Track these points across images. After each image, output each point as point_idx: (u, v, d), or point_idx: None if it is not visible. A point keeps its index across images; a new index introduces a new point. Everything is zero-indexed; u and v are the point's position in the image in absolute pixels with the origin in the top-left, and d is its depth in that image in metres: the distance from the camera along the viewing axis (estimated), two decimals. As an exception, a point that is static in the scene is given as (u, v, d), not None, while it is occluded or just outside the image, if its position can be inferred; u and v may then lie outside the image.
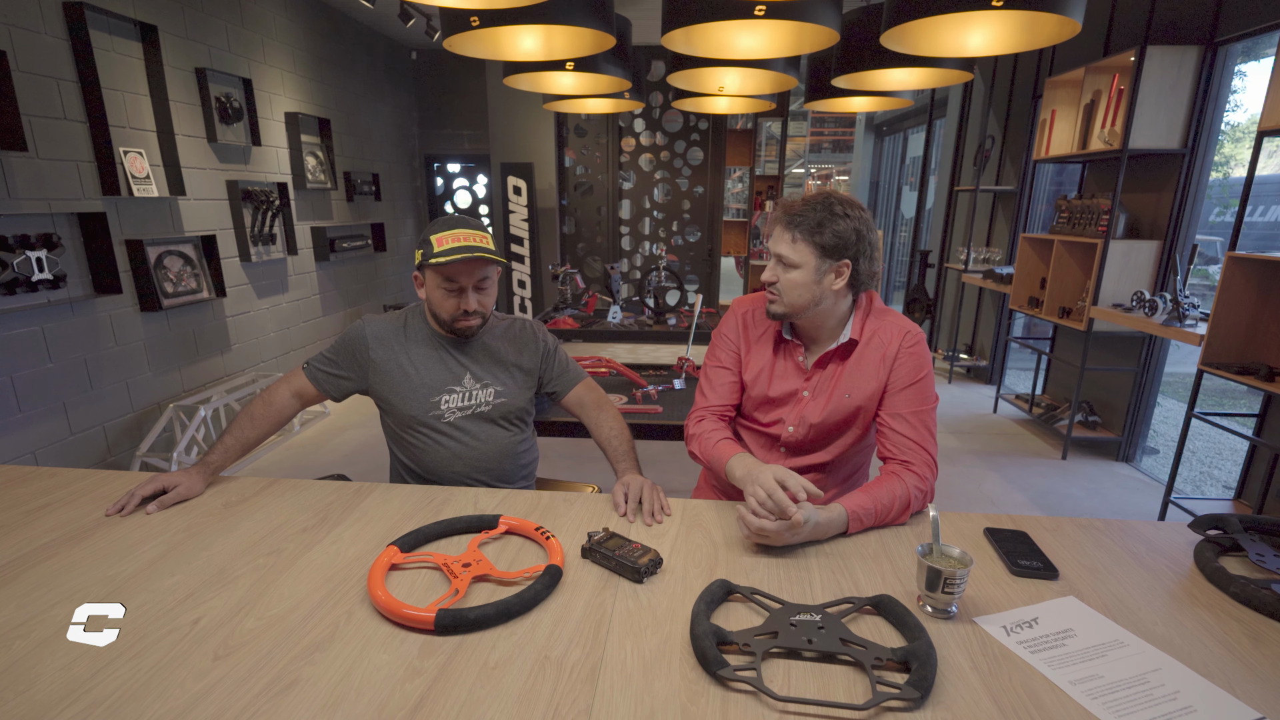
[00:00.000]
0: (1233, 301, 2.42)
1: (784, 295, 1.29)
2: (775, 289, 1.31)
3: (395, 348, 1.46)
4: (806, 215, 1.25)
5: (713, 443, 1.34)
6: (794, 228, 1.26)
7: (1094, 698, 0.79)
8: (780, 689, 0.79)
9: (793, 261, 1.27)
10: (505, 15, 1.85)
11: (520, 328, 1.58)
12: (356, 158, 4.94)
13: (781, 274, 1.29)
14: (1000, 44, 1.78)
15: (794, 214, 1.27)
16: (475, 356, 1.50)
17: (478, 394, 1.48)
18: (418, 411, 1.45)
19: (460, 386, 1.47)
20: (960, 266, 4.68)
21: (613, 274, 3.70)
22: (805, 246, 1.26)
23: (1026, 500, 3.02)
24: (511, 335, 1.56)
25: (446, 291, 1.40)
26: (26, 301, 2.52)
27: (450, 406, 1.46)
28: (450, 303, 1.41)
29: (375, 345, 1.45)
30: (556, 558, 1.04)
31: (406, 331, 1.49)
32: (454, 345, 1.49)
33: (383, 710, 0.76)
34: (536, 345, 1.57)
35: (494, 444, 1.49)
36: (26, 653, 0.85)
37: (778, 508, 1.07)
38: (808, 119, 12.23)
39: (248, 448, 1.40)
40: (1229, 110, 3.09)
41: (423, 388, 1.45)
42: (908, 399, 1.30)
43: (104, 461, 2.91)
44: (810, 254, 1.26)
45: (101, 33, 2.82)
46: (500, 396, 1.49)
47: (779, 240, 1.29)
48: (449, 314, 1.42)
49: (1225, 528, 1.13)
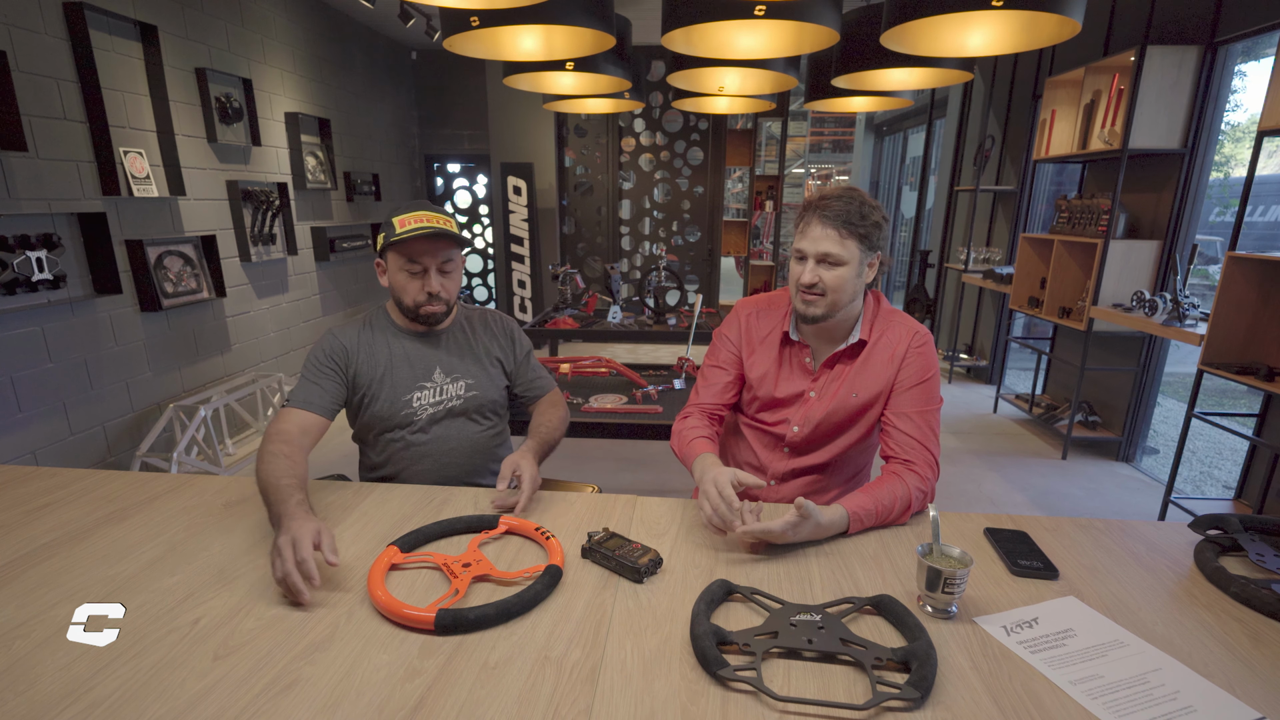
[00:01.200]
0: (1233, 301, 2.42)
1: (830, 294, 1.26)
2: (817, 289, 1.26)
3: (364, 350, 1.43)
4: (847, 209, 1.23)
5: (688, 440, 1.34)
6: (837, 223, 1.23)
7: (1094, 698, 0.79)
8: (780, 689, 0.79)
9: (840, 258, 1.24)
10: (505, 15, 1.85)
11: (494, 318, 1.57)
12: (356, 158, 4.94)
13: (825, 273, 1.25)
14: (1000, 44, 1.78)
15: (832, 210, 1.23)
16: (444, 350, 1.47)
17: (448, 388, 1.45)
18: (389, 413, 1.41)
19: (430, 382, 1.44)
20: (960, 266, 4.68)
21: (613, 274, 3.70)
22: (851, 242, 1.24)
23: (1026, 500, 3.02)
24: (484, 323, 1.54)
25: (409, 274, 1.38)
26: (26, 301, 2.52)
27: (423, 404, 1.43)
28: (414, 285, 1.38)
29: (353, 352, 1.41)
30: (556, 558, 1.04)
31: (372, 332, 1.45)
32: (421, 340, 1.46)
33: (383, 710, 0.76)
34: (512, 341, 1.56)
35: (465, 441, 1.48)
36: (27, 652, 0.85)
37: (723, 521, 1.09)
38: (808, 119, 12.22)
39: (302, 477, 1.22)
40: (1229, 110, 3.09)
41: (393, 387, 1.42)
42: (913, 398, 1.30)
43: (104, 461, 2.91)
44: (855, 249, 1.25)
45: (101, 33, 2.82)
46: (471, 390, 1.47)
47: (822, 239, 1.24)
48: (412, 298, 1.39)
49: (1225, 528, 1.13)
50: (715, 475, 1.13)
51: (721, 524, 1.10)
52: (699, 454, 1.27)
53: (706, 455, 1.25)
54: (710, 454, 1.26)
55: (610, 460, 3.35)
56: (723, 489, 1.10)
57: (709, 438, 1.34)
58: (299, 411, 1.32)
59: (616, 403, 2.18)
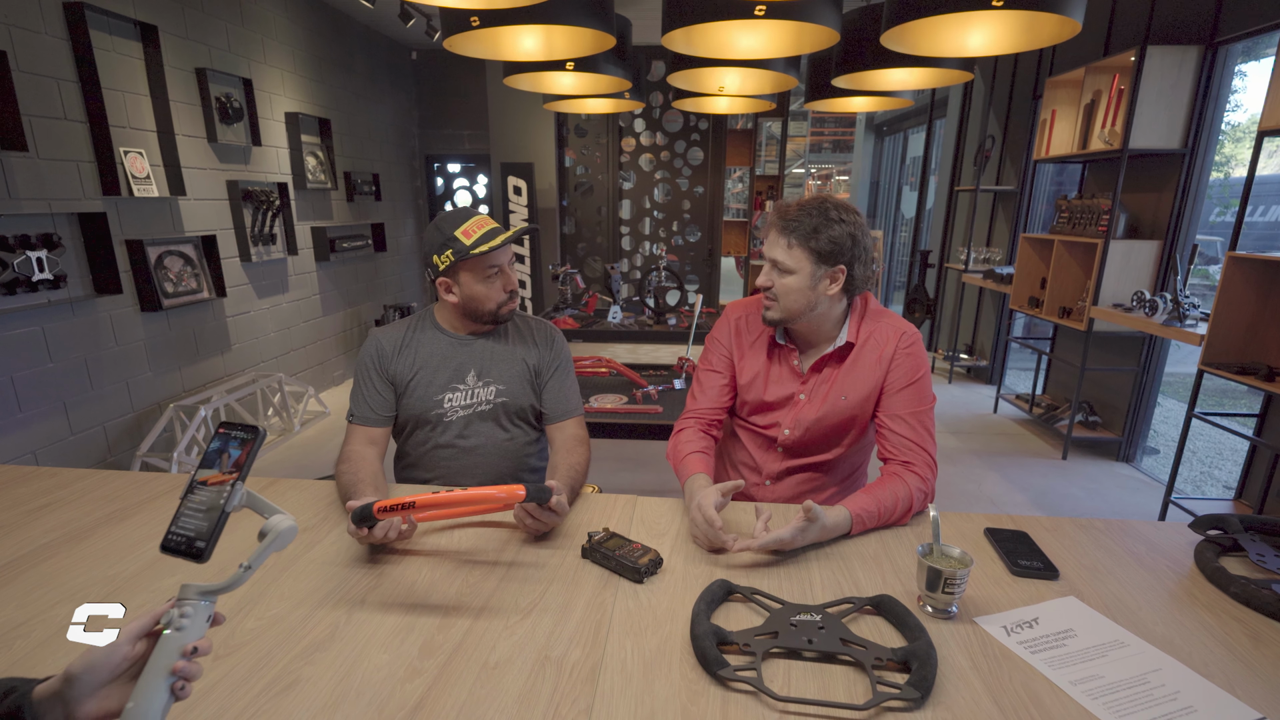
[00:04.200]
0: (1233, 301, 2.42)
1: (780, 301, 1.29)
2: (771, 294, 1.30)
3: (406, 350, 1.45)
4: (802, 221, 1.24)
5: (682, 456, 1.34)
6: (789, 233, 1.25)
7: (1094, 698, 0.79)
8: (780, 689, 0.79)
9: (788, 267, 1.26)
10: (505, 15, 1.84)
11: (538, 325, 1.55)
12: (356, 158, 4.94)
13: (777, 279, 1.28)
14: (1000, 44, 1.78)
15: (789, 219, 1.25)
16: (481, 353, 1.48)
17: (479, 392, 1.46)
18: (420, 410, 1.44)
19: (463, 384, 1.46)
20: (960, 266, 4.68)
21: (613, 274, 3.71)
22: (801, 252, 1.25)
23: (1026, 500, 3.02)
24: (527, 329, 1.53)
25: (488, 278, 1.39)
26: (27, 301, 2.52)
27: (453, 405, 1.45)
28: (494, 288, 1.40)
29: (390, 353, 1.44)
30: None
31: (414, 334, 1.47)
32: (460, 343, 1.47)
33: (383, 710, 0.76)
34: (550, 348, 1.52)
35: (494, 446, 1.48)
36: (27, 653, 0.85)
37: (711, 544, 1.10)
38: (808, 119, 12.21)
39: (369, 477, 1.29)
40: (1229, 110, 3.09)
41: (427, 386, 1.44)
42: (906, 399, 1.30)
43: (104, 461, 2.91)
44: (806, 260, 1.25)
45: (101, 33, 2.82)
46: (502, 395, 1.47)
47: (774, 245, 1.28)
48: (497, 301, 1.41)
49: (1225, 528, 1.13)
50: (700, 500, 1.12)
51: (712, 547, 1.11)
52: (690, 474, 1.26)
53: (697, 477, 1.25)
54: (701, 475, 1.25)
55: (610, 460, 3.35)
56: (706, 513, 1.10)
57: (703, 452, 1.33)
58: (358, 428, 1.41)
59: (617, 403, 2.19)
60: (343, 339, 4.85)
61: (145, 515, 1.22)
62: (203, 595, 0.61)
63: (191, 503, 0.63)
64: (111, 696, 0.57)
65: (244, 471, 0.64)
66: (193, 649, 0.58)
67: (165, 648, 0.58)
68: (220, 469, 0.64)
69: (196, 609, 0.60)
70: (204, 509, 0.63)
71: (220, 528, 0.62)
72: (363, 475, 1.27)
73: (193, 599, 0.61)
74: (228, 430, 0.66)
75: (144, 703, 0.55)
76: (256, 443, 0.65)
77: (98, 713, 0.56)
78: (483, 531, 1.18)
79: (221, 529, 0.62)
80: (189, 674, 0.57)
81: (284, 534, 0.65)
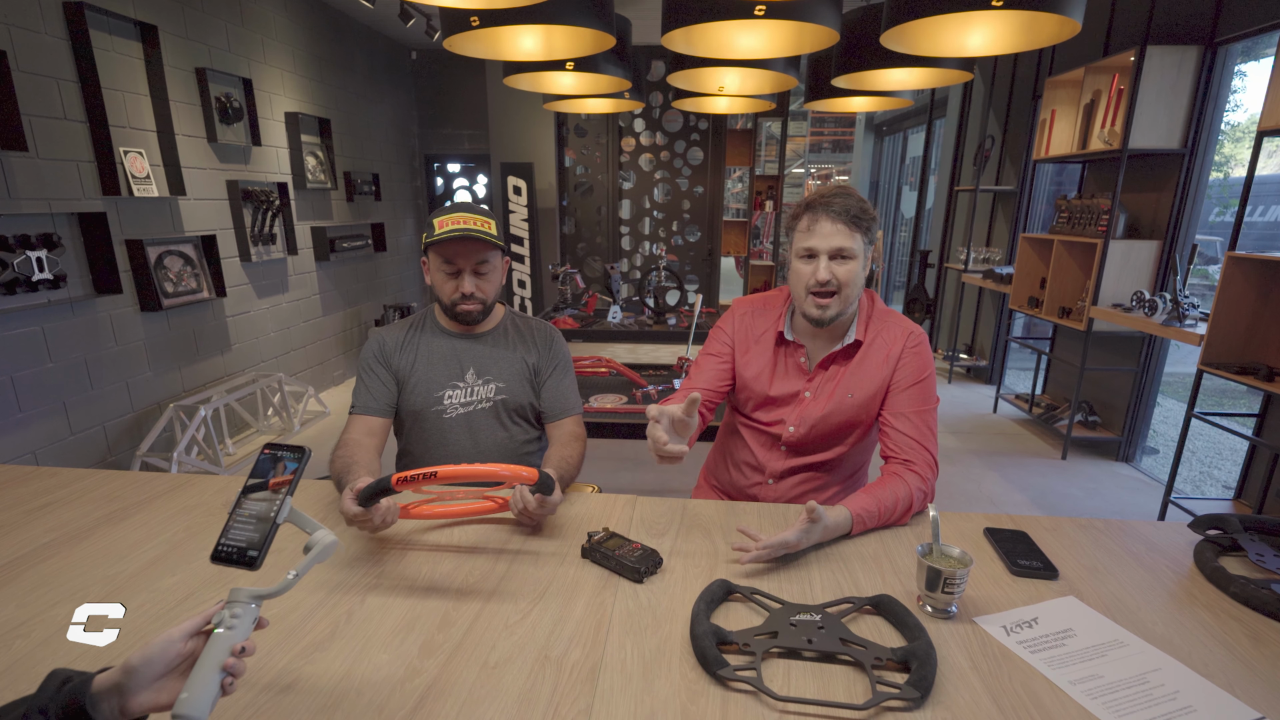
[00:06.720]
0: (1232, 301, 2.42)
1: (843, 291, 1.26)
2: (830, 287, 1.26)
3: (407, 347, 1.48)
4: (851, 203, 1.24)
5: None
6: (846, 218, 1.24)
7: (1094, 698, 0.79)
8: (780, 689, 0.79)
9: (852, 252, 1.25)
10: (505, 15, 1.85)
11: (538, 326, 1.57)
12: (356, 158, 4.94)
13: (838, 269, 1.25)
14: (1000, 44, 1.78)
15: (839, 205, 1.24)
16: (480, 352, 1.50)
17: (479, 389, 1.48)
18: (420, 406, 1.46)
19: (463, 382, 1.47)
20: (960, 266, 4.68)
21: (613, 274, 3.70)
22: (859, 235, 1.25)
23: (1026, 500, 3.02)
24: (528, 329, 1.55)
25: (446, 274, 1.43)
26: (26, 301, 2.52)
27: (453, 402, 1.47)
28: (449, 285, 1.44)
29: (392, 349, 1.47)
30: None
31: (415, 332, 1.50)
32: (459, 340, 1.49)
33: (383, 710, 0.76)
34: (549, 349, 1.54)
35: (493, 444, 1.49)
36: (27, 652, 0.85)
37: (654, 443, 1.08)
38: (808, 119, 12.23)
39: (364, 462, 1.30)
40: (1229, 110, 3.09)
41: (427, 382, 1.46)
42: (910, 399, 1.30)
43: (104, 461, 2.91)
44: (862, 242, 1.26)
45: (101, 33, 2.82)
46: (501, 393, 1.49)
47: (834, 234, 1.24)
48: (448, 297, 1.45)
49: (1225, 528, 1.13)
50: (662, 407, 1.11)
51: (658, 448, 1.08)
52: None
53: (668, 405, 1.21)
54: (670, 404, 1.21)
55: (610, 460, 3.35)
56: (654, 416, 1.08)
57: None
58: (359, 417, 1.43)
59: (616, 403, 2.19)
60: (342, 339, 4.85)
61: (145, 515, 1.22)
62: (253, 599, 0.65)
63: (241, 516, 0.68)
64: (164, 690, 0.60)
65: (292, 486, 0.69)
66: (240, 648, 0.62)
67: (217, 645, 0.61)
68: (275, 475, 0.70)
69: (246, 611, 0.64)
70: (254, 521, 0.67)
71: (271, 538, 0.67)
72: (359, 459, 1.28)
73: (243, 601, 0.65)
74: (273, 450, 0.72)
75: (198, 693, 0.58)
76: (303, 460, 0.71)
77: (150, 704, 0.60)
78: (483, 531, 1.18)
79: (272, 539, 0.67)
80: (237, 671, 0.61)
81: (327, 547, 0.71)
